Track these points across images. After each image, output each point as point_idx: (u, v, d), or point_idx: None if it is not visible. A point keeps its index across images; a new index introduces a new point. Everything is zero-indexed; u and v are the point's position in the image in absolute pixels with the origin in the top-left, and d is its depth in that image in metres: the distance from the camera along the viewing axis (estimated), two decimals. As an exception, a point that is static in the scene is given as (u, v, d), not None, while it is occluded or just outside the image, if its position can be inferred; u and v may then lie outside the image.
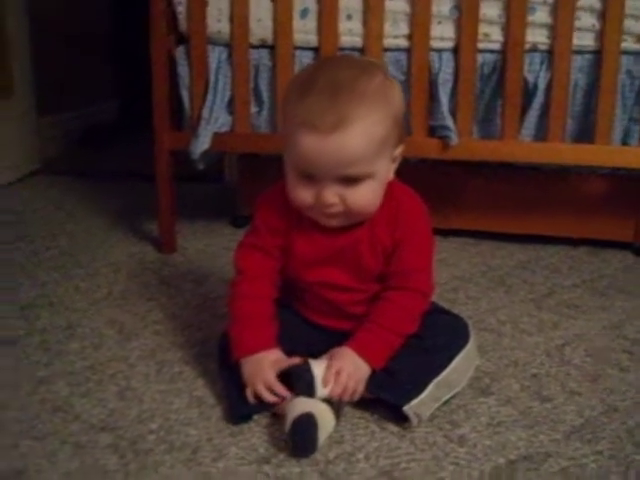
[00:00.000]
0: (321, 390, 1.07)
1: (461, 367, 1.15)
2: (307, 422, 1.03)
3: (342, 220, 1.10)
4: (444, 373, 1.12)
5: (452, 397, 1.15)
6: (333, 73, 1.05)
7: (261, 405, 1.10)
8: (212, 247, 1.83)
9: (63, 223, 2.02)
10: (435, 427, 1.10)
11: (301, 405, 1.06)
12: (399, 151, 1.11)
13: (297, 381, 1.07)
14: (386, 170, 1.09)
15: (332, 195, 1.05)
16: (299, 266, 1.17)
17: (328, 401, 1.08)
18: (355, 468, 1.01)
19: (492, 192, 1.85)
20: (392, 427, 1.09)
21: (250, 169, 1.95)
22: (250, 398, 1.09)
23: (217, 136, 1.68)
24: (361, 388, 1.09)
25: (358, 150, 1.02)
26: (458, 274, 1.67)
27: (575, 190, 1.81)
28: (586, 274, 1.67)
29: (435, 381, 1.11)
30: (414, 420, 1.09)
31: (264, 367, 1.09)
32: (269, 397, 1.08)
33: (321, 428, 1.04)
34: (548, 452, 1.04)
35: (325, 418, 1.06)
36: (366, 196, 1.07)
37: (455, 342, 1.16)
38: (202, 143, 1.67)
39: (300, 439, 1.02)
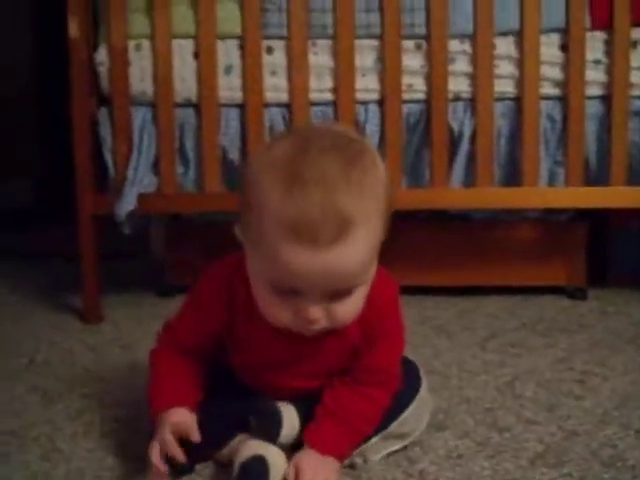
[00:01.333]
0: (287, 432, 0.99)
1: (415, 415, 1.06)
2: (257, 466, 0.94)
3: (326, 328, 0.93)
4: (392, 426, 1.03)
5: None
6: (321, 163, 0.84)
7: (197, 455, 0.99)
8: (139, 316, 1.73)
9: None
10: (392, 465, 1.02)
11: (250, 448, 0.97)
12: None
13: (261, 420, 0.99)
14: (374, 268, 0.93)
15: (318, 311, 0.89)
16: (239, 366, 1.04)
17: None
18: (312, 510, 0.92)
19: (421, 245, 1.82)
20: (346, 469, 1.01)
21: (176, 236, 1.89)
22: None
23: (143, 197, 1.63)
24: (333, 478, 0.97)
25: (360, 262, 0.86)
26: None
27: (505, 238, 1.82)
28: (525, 318, 1.66)
29: (381, 434, 1.03)
30: (359, 461, 1.01)
31: (163, 427, 0.95)
32: (155, 460, 0.93)
33: (273, 472, 0.95)
34: (515, 479, 0.98)
35: (277, 461, 0.97)
36: (355, 307, 0.92)
37: (406, 391, 1.06)
38: (127, 204, 1.61)
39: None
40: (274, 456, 0.97)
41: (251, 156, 0.96)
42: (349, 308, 0.91)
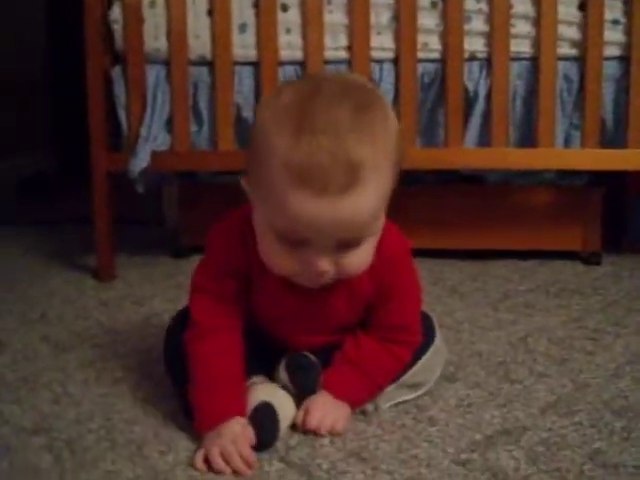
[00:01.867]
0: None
1: (428, 365, 1.06)
2: (266, 412, 0.94)
3: (328, 281, 0.92)
4: (406, 376, 1.03)
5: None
6: (330, 109, 0.82)
7: None
8: (153, 274, 1.74)
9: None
10: (401, 412, 1.02)
11: (258, 394, 0.97)
12: None
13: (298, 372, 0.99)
14: (383, 220, 0.91)
15: (327, 263, 0.86)
16: (257, 316, 1.01)
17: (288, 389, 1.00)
18: (319, 452, 0.92)
19: (435, 208, 1.80)
20: (356, 414, 1.01)
21: (189, 198, 1.89)
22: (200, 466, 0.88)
23: (156, 155, 1.63)
24: (340, 424, 0.96)
25: (369, 211, 0.84)
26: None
27: (520, 202, 1.80)
28: (539, 281, 1.64)
29: (395, 384, 1.03)
30: (370, 408, 1.01)
31: (238, 440, 0.89)
32: (245, 470, 0.87)
33: (282, 417, 0.95)
34: (525, 426, 0.98)
35: (285, 406, 0.98)
36: (364, 259, 0.90)
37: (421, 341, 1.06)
38: (141, 161, 1.61)
39: (259, 430, 0.92)
40: (281, 400, 0.97)
41: (260, 103, 0.91)
42: (358, 259, 0.88)
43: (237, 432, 0.90)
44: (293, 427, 0.97)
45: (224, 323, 0.97)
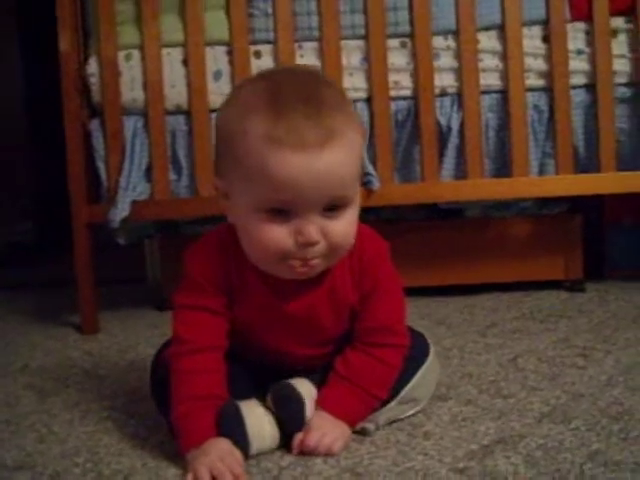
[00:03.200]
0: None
1: (425, 380, 1.05)
2: (289, 394, 0.94)
3: (320, 265, 0.92)
4: (404, 391, 1.02)
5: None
6: (300, 86, 0.89)
7: None
8: (137, 326, 1.71)
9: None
10: (395, 429, 1.01)
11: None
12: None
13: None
14: (358, 198, 0.94)
15: (316, 231, 0.88)
16: (241, 331, 1.00)
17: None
18: (313, 470, 0.90)
19: (415, 246, 1.80)
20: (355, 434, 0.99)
21: (171, 250, 1.88)
22: None
23: (136, 204, 1.63)
24: (339, 445, 0.93)
25: (348, 167, 0.88)
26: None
27: (500, 235, 1.82)
28: (524, 309, 1.64)
29: (396, 400, 1.02)
30: (371, 427, 0.99)
31: (226, 457, 0.87)
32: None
33: (306, 397, 0.95)
34: (522, 434, 0.96)
35: (305, 387, 0.97)
36: (347, 228, 0.91)
37: (416, 355, 1.05)
38: (121, 211, 1.61)
39: (286, 413, 0.93)
40: (300, 382, 0.98)
41: (219, 109, 0.96)
42: (343, 228, 0.90)
43: (225, 449, 0.87)
44: (288, 449, 0.94)
45: (208, 342, 0.96)
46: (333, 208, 0.89)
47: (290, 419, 0.95)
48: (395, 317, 1.01)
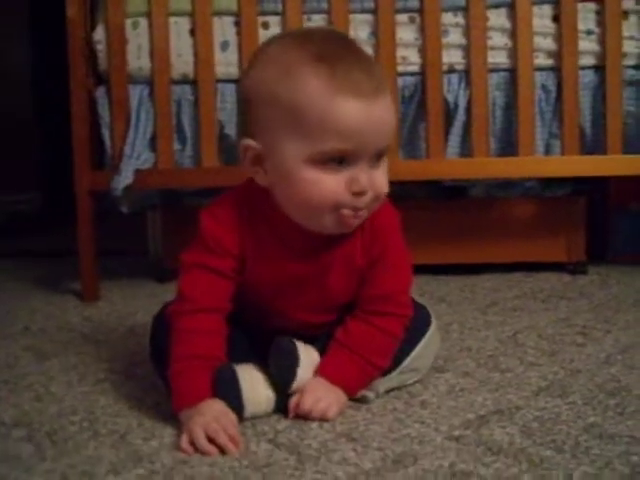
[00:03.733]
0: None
1: (426, 350, 1.06)
2: (286, 347, 0.95)
3: (364, 217, 0.93)
4: (407, 360, 1.02)
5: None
6: (337, 40, 0.93)
7: None
8: (137, 295, 1.71)
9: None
10: (392, 398, 1.01)
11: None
12: None
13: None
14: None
15: (366, 179, 0.90)
16: (248, 296, 1.00)
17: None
18: (308, 434, 0.90)
19: (419, 225, 1.78)
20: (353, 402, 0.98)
21: (173, 221, 1.88)
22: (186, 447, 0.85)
23: (140, 173, 1.62)
24: (333, 410, 0.93)
25: (394, 119, 0.93)
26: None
27: (503, 215, 1.81)
28: (526, 289, 1.64)
29: (399, 368, 1.02)
30: (370, 395, 0.99)
31: (221, 418, 0.87)
32: (231, 447, 0.84)
33: (304, 357, 0.95)
34: (518, 406, 0.96)
35: (307, 350, 0.97)
36: (385, 180, 0.93)
37: (418, 325, 1.05)
38: (124, 178, 1.60)
39: (278, 366, 0.94)
40: (303, 346, 0.98)
41: (250, 72, 0.92)
42: (382, 178, 0.92)
43: (220, 410, 0.88)
44: (284, 413, 0.95)
45: (212, 303, 0.96)
46: (378, 157, 0.91)
47: (281, 372, 0.95)
48: (400, 287, 1.01)
